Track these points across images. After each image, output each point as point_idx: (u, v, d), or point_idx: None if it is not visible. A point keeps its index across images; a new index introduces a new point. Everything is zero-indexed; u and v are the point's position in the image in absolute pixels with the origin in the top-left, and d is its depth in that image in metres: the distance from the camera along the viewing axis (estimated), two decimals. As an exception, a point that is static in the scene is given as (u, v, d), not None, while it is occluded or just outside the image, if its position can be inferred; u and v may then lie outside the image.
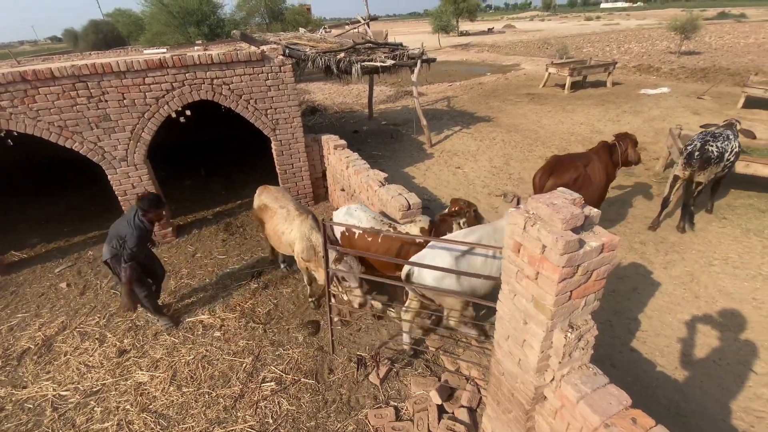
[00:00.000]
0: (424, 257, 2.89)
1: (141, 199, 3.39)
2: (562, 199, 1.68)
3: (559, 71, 12.75)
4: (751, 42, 23.56)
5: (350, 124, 10.64)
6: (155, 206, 3.43)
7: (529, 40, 31.77)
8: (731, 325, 3.48)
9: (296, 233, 3.59)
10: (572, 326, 1.82)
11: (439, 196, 6.24)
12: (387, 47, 8.24)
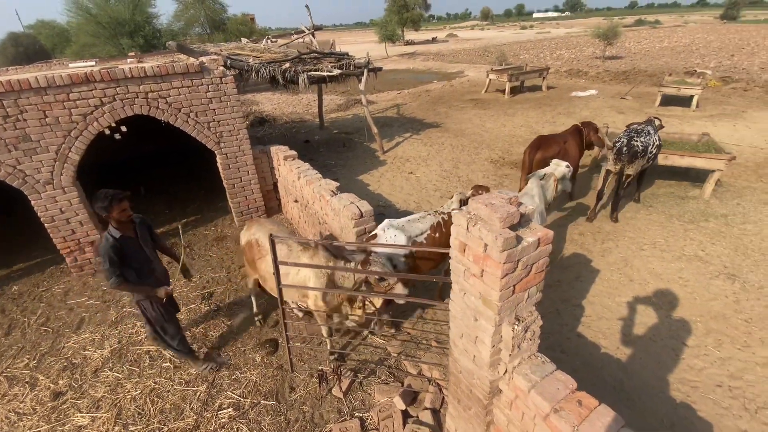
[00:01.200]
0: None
1: (93, 203, 2.72)
2: (500, 200, 1.76)
3: (498, 77, 13.48)
4: (665, 46, 26.39)
5: (301, 134, 10.51)
6: (110, 202, 2.68)
7: (470, 49, 33.31)
8: (663, 304, 3.82)
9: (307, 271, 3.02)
10: (519, 319, 1.91)
11: (394, 201, 6.32)
12: (333, 57, 8.26)
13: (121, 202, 2.73)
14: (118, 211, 2.73)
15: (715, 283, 4.03)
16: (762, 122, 9.06)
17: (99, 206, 2.69)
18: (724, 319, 3.59)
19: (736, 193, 5.82)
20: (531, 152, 5.04)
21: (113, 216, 2.73)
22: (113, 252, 2.71)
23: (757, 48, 22.82)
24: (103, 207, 2.68)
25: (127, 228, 2.87)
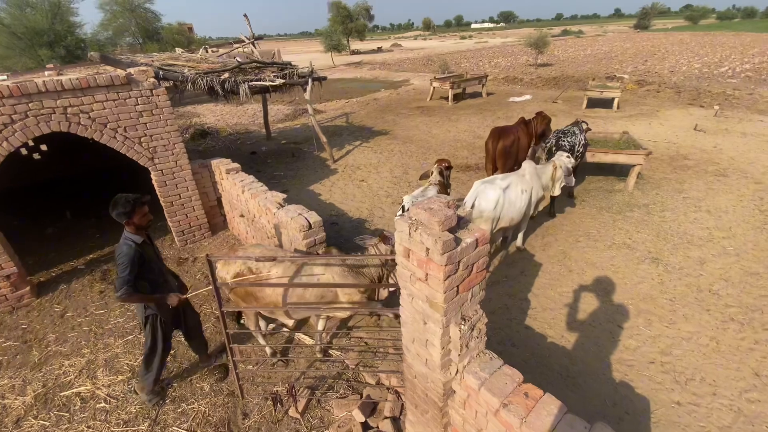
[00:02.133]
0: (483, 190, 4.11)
1: (112, 210, 2.57)
2: (438, 204, 1.80)
3: (441, 85, 13.99)
4: (588, 53, 28.90)
5: (247, 146, 10.16)
6: (133, 207, 2.58)
7: (415, 58, 34.30)
8: (598, 291, 4.12)
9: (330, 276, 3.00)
10: (465, 318, 1.95)
11: (346, 210, 6.28)
12: (276, 66, 8.10)
13: (143, 206, 2.67)
14: (140, 216, 2.65)
15: (641, 268, 4.42)
16: (673, 120, 10.19)
17: (119, 212, 2.57)
18: (652, 299, 3.94)
19: (655, 185, 6.47)
20: (493, 142, 5.52)
21: (134, 221, 2.64)
22: (136, 258, 2.59)
23: (667, 53, 25.77)
24: (125, 213, 2.58)
25: (143, 234, 2.76)
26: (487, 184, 4.19)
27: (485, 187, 4.14)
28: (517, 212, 4.24)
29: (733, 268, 4.34)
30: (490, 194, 4.08)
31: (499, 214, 4.09)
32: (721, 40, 36.42)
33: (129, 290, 2.58)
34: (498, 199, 4.06)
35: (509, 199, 4.15)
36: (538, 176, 4.57)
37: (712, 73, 17.59)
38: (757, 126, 9.38)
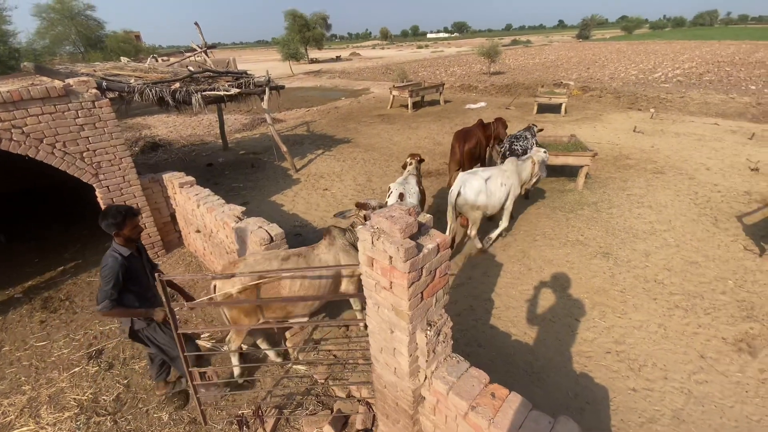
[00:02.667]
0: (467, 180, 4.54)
1: (102, 221, 2.49)
2: (399, 212, 1.81)
3: (400, 93, 14.23)
4: (537, 62, 30.56)
5: (203, 158, 9.77)
6: (124, 218, 2.51)
7: (374, 67, 34.67)
8: (556, 286, 4.31)
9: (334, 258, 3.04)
10: (430, 324, 1.97)
11: (310, 220, 6.17)
12: (230, 75, 7.88)
13: (135, 218, 2.60)
14: (131, 228, 2.58)
15: (594, 262, 4.69)
16: (615, 122, 10.96)
17: (110, 222, 2.49)
18: (604, 292, 4.17)
19: (602, 184, 6.91)
20: (460, 144, 5.90)
21: (125, 233, 2.56)
22: (121, 271, 2.50)
23: (606, 61, 27.80)
24: (115, 223, 2.50)
25: (132, 247, 2.67)
26: (471, 175, 4.66)
27: (469, 177, 4.62)
28: (497, 202, 4.70)
29: (674, 259, 4.70)
30: (473, 183, 4.55)
31: (484, 201, 4.56)
32: (654, 48, 39.95)
33: (110, 304, 2.48)
34: (480, 188, 4.53)
35: (490, 189, 4.60)
36: (518, 173, 4.98)
37: (647, 78, 19.18)
38: (688, 126, 10.31)
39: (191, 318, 4.08)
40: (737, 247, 4.86)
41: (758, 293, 4.05)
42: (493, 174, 4.71)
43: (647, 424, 2.81)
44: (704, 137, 9.31)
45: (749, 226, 5.29)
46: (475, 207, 4.57)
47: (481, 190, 4.53)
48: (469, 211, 4.63)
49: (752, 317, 3.73)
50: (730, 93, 14.68)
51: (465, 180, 4.61)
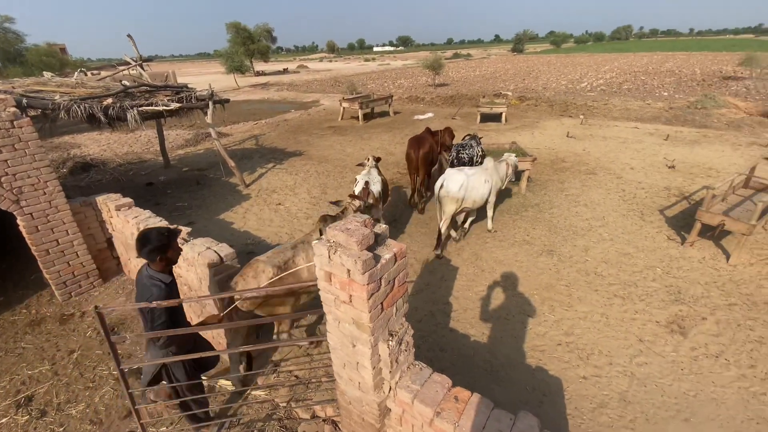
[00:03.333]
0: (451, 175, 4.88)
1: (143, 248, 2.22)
2: (355, 224, 1.81)
3: (350, 105, 14.34)
4: (477, 74, 32.27)
5: (142, 176, 9.13)
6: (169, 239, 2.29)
7: (322, 79, 34.67)
8: (508, 285, 4.52)
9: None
10: (392, 334, 1.97)
11: (263, 237, 5.96)
12: (170, 89, 7.49)
13: (176, 238, 2.37)
14: (174, 250, 2.34)
15: (540, 260, 4.98)
16: (550, 129, 11.82)
17: (154, 247, 2.22)
18: (551, 287, 4.44)
19: (542, 186, 7.40)
20: (415, 151, 6.17)
21: (168, 256, 2.31)
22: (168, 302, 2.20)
23: (539, 73, 30.02)
24: (160, 247, 2.24)
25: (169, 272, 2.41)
26: (455, 171, 4.98)
27: (453, 173, 4.93)
28: (479, 196, 5.02)
29: (610, 252, 5.12)
30: (456, 178, 4.85)
31: (463, 195, 4.81)
32: (579, 60, 43.89)
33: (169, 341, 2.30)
34: (463, 182, 4.80)
35: (472, 184, 4.89)
36: (497, 171, 5.43)
37: (575, 88, 20.97)
38: (613, 130, 11.38)
39: (135, 351, 3.75)
40: (662, 238, 5.40)
41: (683, 278, 4.52)
42: (477, 171, 5.07)
43: (598, 409, 3.01)
44: (627, 140, 10.32)
45: (670, 218, 5.92)
46: (453, 200, 4.81)
47: (462, 185, 4.81)
48: (447, 203, 4.86)
49: (680, 300, 4.15)
50: (646, 99, 16.46)
51: (449, 174, 4.93)
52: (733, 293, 4.22)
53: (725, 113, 12.80)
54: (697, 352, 3.49)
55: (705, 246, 5.11)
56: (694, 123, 12.02)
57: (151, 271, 2.31)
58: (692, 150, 9.23)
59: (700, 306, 4.05)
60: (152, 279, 2.29)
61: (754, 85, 19.42)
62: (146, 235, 2.28)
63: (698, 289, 4.31)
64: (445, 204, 4.88)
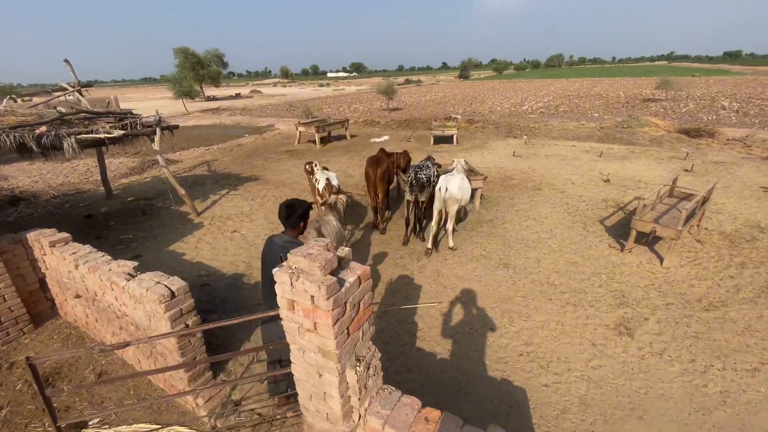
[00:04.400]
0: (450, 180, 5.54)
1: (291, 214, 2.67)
2: (317, 248, 1.80)
3: (307, 129, 14.35)
4: (428, 98, 33.72)
5: (80, 209, 8.44)
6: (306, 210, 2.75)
7: (277, 104, 34.51)
8: (469, 300, 4.63)
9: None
10: (359, 359, 1.95)
11: (218, 267, 5.68)
12: (112, 116, 7.09)
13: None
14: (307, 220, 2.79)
15: (498, 273, 5.17)
16: (498, 149, 12.54)
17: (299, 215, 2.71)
18: (510, 299, 4.61)
19: (495, 202, 7.77)
20: (373, 169, 6.50)
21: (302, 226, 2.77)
22: None
23: (485, 97, 31.98)
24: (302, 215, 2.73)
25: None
26: (450, 176, 5.65)
27: (450, 178, 5.58)
28: (467, 196, 5.77)
29: (559, 261, 5.44)
30: (454, 182, 5.49)
31: (461, 195, 5.55)
32: (520, 85, 47.40)
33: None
34: (459, 184, 5.50)
35: (465, 185, 5.65)
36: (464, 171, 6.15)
37: (518, 111, 22.53)
38: (554, 149, 12.29)
39: (74, 403, 3.36)
40: (604, 246, 5.84)
41: (625, 282, 4.89)
42: (462, 175, 5.81)
43: (561, 415, 3.11)
44: (567, 157, 11.19)
45: (610, 228, 6.43)
46: (456, 200, 5.52)
47: (460, 187, 5.52)
48: (452, 204, 5.53)
49: (624, 303, 4.47)
50: (580, 120, 18.03)
51: (449, 180, 5.55)
52: (669, 293, 4.63)
53: (648, 131, 14.32)
54: (644, 351, 3.75)
55: (641, 251, 5.59)
56: (622, 140, 13.31)
57: (287, 237, 2.72)
58: (623, 165, 10.17)
59: (642, 307, 4.39)
60: (291, 243, 2.61)
61: (670, 106, 22.00)
62: (293, 204, 2.73)
63: (639, 292, 4.67)
64: (450, 205, 5.58)
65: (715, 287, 4.73)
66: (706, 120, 17.10)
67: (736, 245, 5.68)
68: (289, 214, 2.69)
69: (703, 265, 5.22)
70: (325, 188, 6.43)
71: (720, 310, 4.31)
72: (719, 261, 5.29)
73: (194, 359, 3.16)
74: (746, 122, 16.26)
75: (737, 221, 6.45)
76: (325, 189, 6.40)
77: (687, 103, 23.20)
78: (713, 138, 13.06)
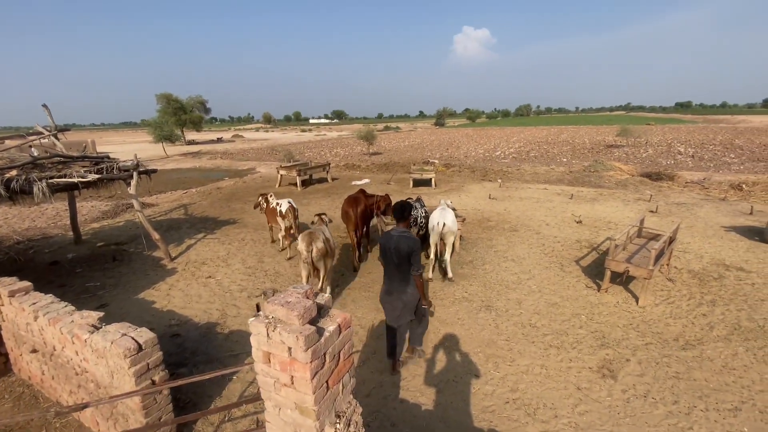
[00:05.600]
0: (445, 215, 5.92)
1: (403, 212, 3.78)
2: (295, 296, 1.76)
3: (288, 172, 14.50)
4: (407, 144, 35.00)
5: (45, 255, 8.03)
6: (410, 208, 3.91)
7: (259, 148, 34.97)
8: (452, 346, 4.53)
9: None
10: (339, 415, 1.84)
11: (191, 315, 5.41)
12: (88, 160, 6.99)
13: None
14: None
15: (480, 316, 5.13)
16: (474, 192, 12.93)
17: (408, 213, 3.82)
18: (493, 343, 4.55)
19: (473, 244, 7.88)
20: (353, 208, 6.72)
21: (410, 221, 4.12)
22: None
23: (460, 143, 33.48)
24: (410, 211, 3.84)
25: None
26: (444, 211, 6.02)
27: (445, 213, 5.94)
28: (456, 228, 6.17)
29: (540, 303, 5.47)
30: (449, 216, 5.91)
31: (455, 227, 5.98)
32: (492, 132, 50.05)
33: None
34: (453, 218, 5.93)
35: (454, 219, 6.02)
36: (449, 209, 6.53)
37: (491, 156, 23.60)
38: (527, 192, 12.79)
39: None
40: (581, 286, 5.93)
41: (604, 323, 4.93)
42: (450, 211, 6.17)
43: (551, 468, 2.98)
44: (540, 199, 11.63)
45: (585, 268, 6.58)
46: (452, 232, 5.94)
47: (454, 220, 5.96)
48: (449, 236, 5.92)
49: (606, 344, 4.48)
50: (550, 165, 18.99)
51: (444, 215, 5.91)
52: (647, 333, 4.68)
53: (613, 175, 15.18)
54: (628, 393, 3.71)
55: (617, 291, 5.71)
56: (591, 184, 14.03)
57: (401, 228, 3.73)
58: (593, 206, 10.64)
59: (622, 348, 4.40)
60: (405, 232, 3.67)
61: (632, 151, 23.58)
62: (405, 204, 3.81)
63: (619, 332, 4.71)
64: (447, 237, 5.95)
65: (689, 325, 4.83)
66: (665, 164, 18.36)
67: (705, 283, 5.90)
68: (404, 211, 3.76)
69: (676, 303, 5.36)
70: (288, 210, 7.39)
71: (697, 349, 4.37)
72: (691, 299, 5.45)
73: (159, 419, 2.92)
74: (702, 166, 17.56)
75: (704, 260, 6.75)
76: (288, 210, 7.37)
77: (646, 149, 24.97)
78: (673, 181, 13.96)
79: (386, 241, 3.69)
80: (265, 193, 8.15)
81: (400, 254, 3.59)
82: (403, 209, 3.75)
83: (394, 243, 3.60)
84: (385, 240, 3.72)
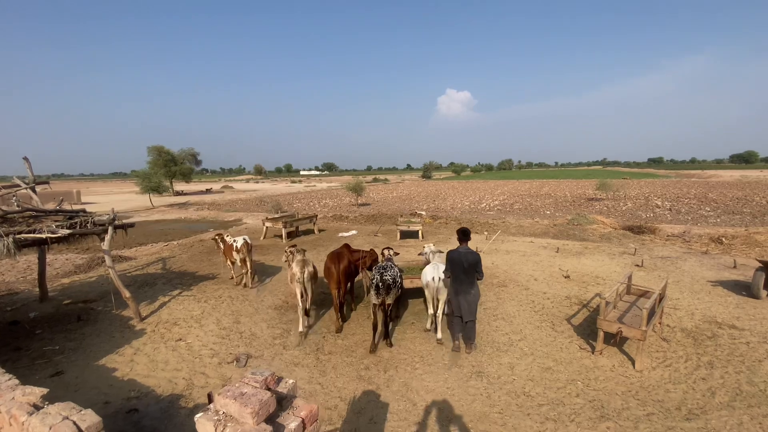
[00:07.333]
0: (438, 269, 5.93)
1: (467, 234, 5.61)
2: (252, 385, 1.53)
3: (274, 224, 14.33)
4: (395, 195, 35.58)
5: (7, 313, 7.46)
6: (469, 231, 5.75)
7: (247, 198, 35.05)
8: (443, 420, 4.13)
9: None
10: None
11: (153, 386, 4.89)
12: (62, 214, 6.76)
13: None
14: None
15: (471, 384, 4.77)
16: (463, 245, 12.86)
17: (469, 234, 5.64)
18: (485, 417, 4.16)
19: (463, 301, 7.62)
20: (336, 265, 6.52)
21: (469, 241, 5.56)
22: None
23: (446, 195, 34.18)
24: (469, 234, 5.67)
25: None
26: (435, 266, 6.03)
27: (437, 267, 5.96)
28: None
29: (533, 367, 5.15)
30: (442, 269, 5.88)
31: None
32: (477, 185, 51.54)
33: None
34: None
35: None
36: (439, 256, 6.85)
37: (477, 208, 23.99)
38: (513, 245, 12.78)
39: None
40: (575, 348, 5.66)
41: (602, 390, 4.62)
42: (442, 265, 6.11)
43: None
44: (526, 253, 11.59)
45: (577, 326, 6.34)
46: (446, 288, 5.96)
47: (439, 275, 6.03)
48: (443, 291, 5.91)
49: (606, 416, 4.14)
50: (534, 217, 19.30)
51: (437, 269, 5.91)
52: (648, 401, 4.38)
53: (596, 228, 15.43)
54: (634, 477, 3.35)
55: (612, 353, 5.45)
56: (575, 237, 14.16)
57: (465, 247, 5.46)
58: (579, 260, 10.61)
59: (623, 420, 4.08)
60: (469, 249, 5.42)
61: (612, 205, 24.30)
62: (467, 229, 5.65)
63: (618, 401, 4.40)
64: (441, 293, 5.93)
65: (690, 391, 4.56)
66: (645, 217, 18.85)
67: (699, 343, 5.70)
68: (466, 234, 5.58)
69: (674, 366, 5.12)
70: (243, 245, 8.29)
71: (701, 419, 4.07)
72: (688, 361, 5.22)
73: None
74: (680, 219, 18.06)
75: (695, 317, 6.61)
76: (243, 246, 8.28)
77: (625, 202, 25.81)
78: (655, 234, 14.21)
79: (456, 255, 5.39)
80: (220, 233, 8.94)
81: (468, 264, 5.30)
82: (465, 233, 5.58)
83: (464, 257, 5.33)
84: (455, 255, 5.39)
